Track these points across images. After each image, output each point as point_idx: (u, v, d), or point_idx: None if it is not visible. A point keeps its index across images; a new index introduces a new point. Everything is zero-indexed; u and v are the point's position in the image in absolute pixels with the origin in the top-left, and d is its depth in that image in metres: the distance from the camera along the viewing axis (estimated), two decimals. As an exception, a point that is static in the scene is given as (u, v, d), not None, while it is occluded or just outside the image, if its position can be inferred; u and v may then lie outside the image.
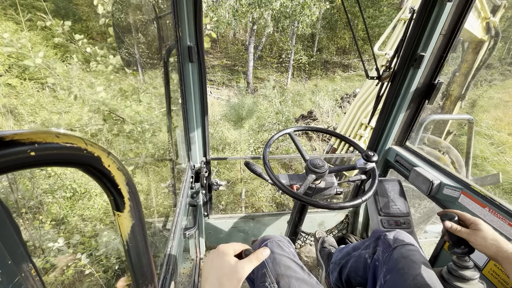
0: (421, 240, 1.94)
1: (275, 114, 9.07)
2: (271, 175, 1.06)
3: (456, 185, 1.16)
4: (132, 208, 0.34)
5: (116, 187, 0.31)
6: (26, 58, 2.11)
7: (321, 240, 1.56)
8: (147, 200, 2.70)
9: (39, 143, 0.22)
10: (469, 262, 0.82)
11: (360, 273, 1.06)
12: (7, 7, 6.71)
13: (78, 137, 0.26)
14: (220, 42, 17.47)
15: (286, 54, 15.74)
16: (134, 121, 2.39)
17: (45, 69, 2.15)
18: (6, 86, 5.55)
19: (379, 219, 1.31)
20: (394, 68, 1.31)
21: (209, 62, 15.65)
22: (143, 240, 0.39)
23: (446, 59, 1.23)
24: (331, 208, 0.97)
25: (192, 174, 1.40)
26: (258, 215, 1.75)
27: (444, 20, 1.14)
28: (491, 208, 1.01)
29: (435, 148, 3.29)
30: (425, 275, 0.81)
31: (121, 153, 2.60)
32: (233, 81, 13.63)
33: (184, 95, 1.22)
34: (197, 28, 1.08)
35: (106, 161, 0.29)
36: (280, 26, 11.52)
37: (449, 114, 3.94)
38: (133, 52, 1.05)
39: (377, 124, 1.52)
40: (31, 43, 5.71)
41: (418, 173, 1.28)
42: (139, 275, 0.42)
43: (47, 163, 0.23)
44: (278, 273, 0.84)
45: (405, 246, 0.91)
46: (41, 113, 5.17)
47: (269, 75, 15.08)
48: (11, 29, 6.33)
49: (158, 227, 1.54)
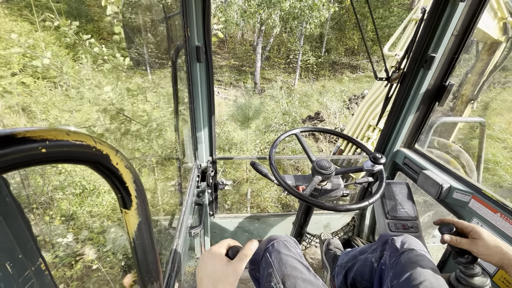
0: (429, 244, 1.90)
1: (281, 115, 9.07)
2: (277, 176, 1.05)
3: (466, 190, 1.14)
4: (139, 206, 0.35)
5: (123, 184, 0.32)
6: (35, 59, 2.16)
7: (327, 242, 1.54)
8: (153, 198, 2.73)
9: (50, 140, 0.22)
10: (476, 269, 0.80)
11: (366, 277, 1.05)
12: (23, 8, 6.98)
13: (87, 135, 0.26)
14: (228, 43, 17.55)
15: (293, 55, 15.69)
16: (141, 120, 2.42)
17: (53, 69, 2.20)
18: (20, 85, 5.72)
19: (386, 222, 1.29)
20: (404, 69, 1.29)
21: (216, 62, 15.76)
22: (149, 237, 0.39)
23: (458, 60, 1.20)
24: (337, 210, 0.96)
25: (198, 173, 1.41)
26: (263, 215, 1.75)
27: (456, 20, 1.12)
28: (503, 214, 0.98)
29: (445, 152, 3.22)
30: (433, 282, 0.79)
31: (129, 152, 2.65)
32: (240, 82, 13.69)
33: (191, 94, 1.23)
34: (206, 28, 1.09)
35: (114, 159, 0.29)
36: (288, 26, 11.50)
37: (460, 116, 3.85)
38: (142, 52, 1.07)
39: (386, 125, 1.50)
40: (45, 43, 5.89)
41: (427, 176, 1.26)
42: (144, 272, 0.42)
43: (57, 160, 0.24)
44: (284, 273, 0.84)
45: (413, 251, 0.90)
46: (52, 111, 5.31)
47: (277, 75, 15.08)
48: (26, 30, 6.61)
49: (164, 225, 1.56)
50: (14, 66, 5.90)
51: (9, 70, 5.84)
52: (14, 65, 5.90)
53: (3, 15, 6.85)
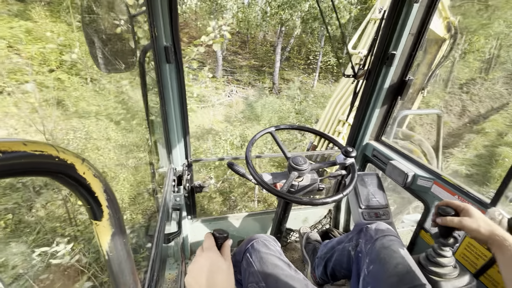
0: (399, 229, 2.04)
1: (295, 114, 9.22)
2: (254, 175, 1.06)
3: (428, 176, 1.24)
4: (111, 216, 0.33)
5: (92, 195, 0.30)
6: (63, 55, 2.09)
7: (306, 236, 1.59)
8: (127, 207, 2.61)
9: (4, 152, 0.20)
10: (449, 252, 0.87)
11: (344, 266, 1.10)
12: (61, 10, 7.69)
13: (48, 144, 0.25)
14: (249, 43, 17.24)
15: (314, 56, 15.50)
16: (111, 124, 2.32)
17: (80, 64, 2.18)
18: (57, 80, 6.21)
19: (360, 212, 1.36)
20: (369, 66, 1.36)
21: (237, 62, 15.50)
22: (124, 248, 0.38)
23: (415, 57, 1.30)
24: (314, 204, 0.99)
25: (174, 177, 1.36)
26: (242, 215, 1.75)
27: (412, 20, 1.21)
28: (460, 196, 1.09)
29: (408, 142, 3.47)
30: (405, 263, 0.85)
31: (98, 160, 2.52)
32: (259, 82, 13.68)
33: (162, 96, 1.18)
34: (173, 28, 1.06)
35: (80, 168, 0.28)
36: (309, 27, 11.51)
37: (413, 103, 4.18)
38: (106, 52, 1.01)
39: (355, 120, 1.58)
40: (79, 42, 6.01)
41: (394, 166, 1.35)
42: (121, 285, 0.40)
43: (14, 173, 0.22)
44: (265, 272, 0.85)
45: (386, 236, 0.95)
46: (80, 104, 5.75)
47: (296, 76, 14.97)
48: (63, 30, 7.25)
49: (140, 233, 1.50)
50: (52, 63, 6.46)
51: (48, 67, 6.44)
52: (52, 62, 6.47)
53: (44, 16, 7.37)
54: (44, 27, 6.84)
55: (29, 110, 4.74)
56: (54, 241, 2.14)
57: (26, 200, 2.64)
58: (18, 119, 5.09)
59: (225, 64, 14.51)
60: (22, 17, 6.86)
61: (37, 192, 2.73)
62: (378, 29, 1.26)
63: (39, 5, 7.50)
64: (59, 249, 2.03)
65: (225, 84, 12.71)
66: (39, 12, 7.25)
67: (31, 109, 4.72)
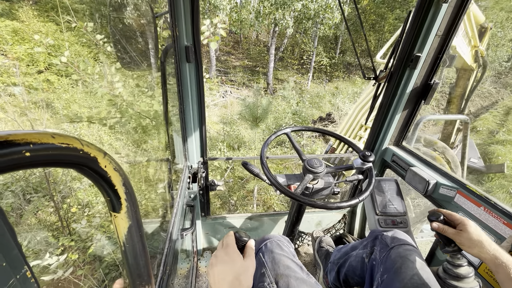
0: (417, 239, 1.95)
1: (292, 115, 9.16)
2: (269, 175, 1.06)
3: (452, 185, 1.17)
4: (129, 209, 0.34)
5: (112, 187, 0.31)
6: (55, 57, 2.22)
7: (319, 240, 1.56)
8: (144, 201, 2.70)
9: (34, 144, 0.21)
10: (462, 260, 0.84)
11: (357, 273, 1.07)
12: (49, 10, 7.55)
13: (74, 137, 0.26)
14: (242, 44, 17.42)
15: (307, 56, 15.57)
16: (133, 120, 2.42)
17: (70, 67, 2.27)
18: (46, 82, 6.13)
19: (376, 218, 1.32)
20: (391, 68, 1.31)
21: (231, 62, 15.66)
22: (140, 241, 0.39)
23: (442, 59, 1.24)
24: (328, 208, 0.97)
25: (189, 175, 1.39)
26: (255, 215, 1.75)
27: (440, 21, 1.15)
28: (486, 208, 1.02)
29: (431, 148, 3.32)
30: (422, 275, 0.81)
31: (118, 153, 2.61)
32: (253, 82, 13.74)
33: (181, 95, 1.21)
34: (194, 28, 1.08)
35: (102, 161, 0.29)
36: (302, 27, 11.48)
37: (444, 114, 4.01)
38: (130, 52, 1.05)
39: (374, 124, 1.53)
40: (69, 43, 6.07)
41: (415, 173, 1.29)
42: (136, 277, 0.42)
43: (42, 164, 0.23)
44: (277, 273, 0.84)
45: (402, 246, 0.92)
46: (72, 106, 5.72)
47: (290, 76, 15.00)
48: (52, 30, 7.18)
49: (155, 227, 1.54)
50: (40, 64, 6.41)
51: (36, 68, 6.39)
52: (40, 63, 6.42)
53: (32, 16, 7.43)
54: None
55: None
56: (47, 252, 2.15)
57: (16, 208, 2.67)
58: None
59: (219, 65, 14.53)
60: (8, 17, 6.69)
61: (27, 200, 2.75)
62: (403, 30, 1.21)
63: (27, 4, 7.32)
64: (51, 262, 1.99)
65: (219, 85, 12.70)
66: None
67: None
